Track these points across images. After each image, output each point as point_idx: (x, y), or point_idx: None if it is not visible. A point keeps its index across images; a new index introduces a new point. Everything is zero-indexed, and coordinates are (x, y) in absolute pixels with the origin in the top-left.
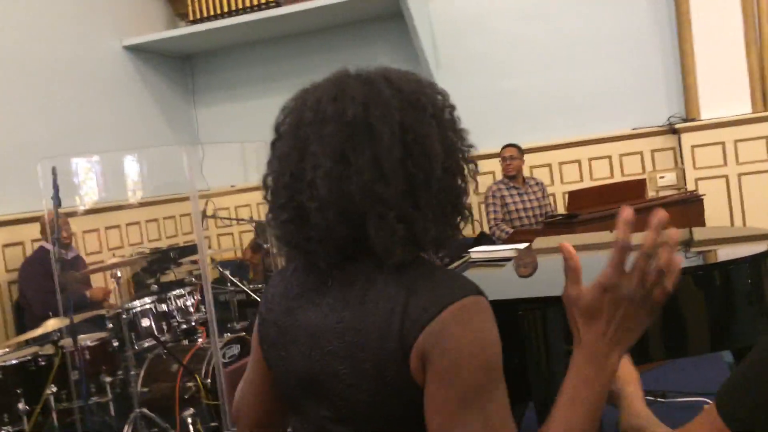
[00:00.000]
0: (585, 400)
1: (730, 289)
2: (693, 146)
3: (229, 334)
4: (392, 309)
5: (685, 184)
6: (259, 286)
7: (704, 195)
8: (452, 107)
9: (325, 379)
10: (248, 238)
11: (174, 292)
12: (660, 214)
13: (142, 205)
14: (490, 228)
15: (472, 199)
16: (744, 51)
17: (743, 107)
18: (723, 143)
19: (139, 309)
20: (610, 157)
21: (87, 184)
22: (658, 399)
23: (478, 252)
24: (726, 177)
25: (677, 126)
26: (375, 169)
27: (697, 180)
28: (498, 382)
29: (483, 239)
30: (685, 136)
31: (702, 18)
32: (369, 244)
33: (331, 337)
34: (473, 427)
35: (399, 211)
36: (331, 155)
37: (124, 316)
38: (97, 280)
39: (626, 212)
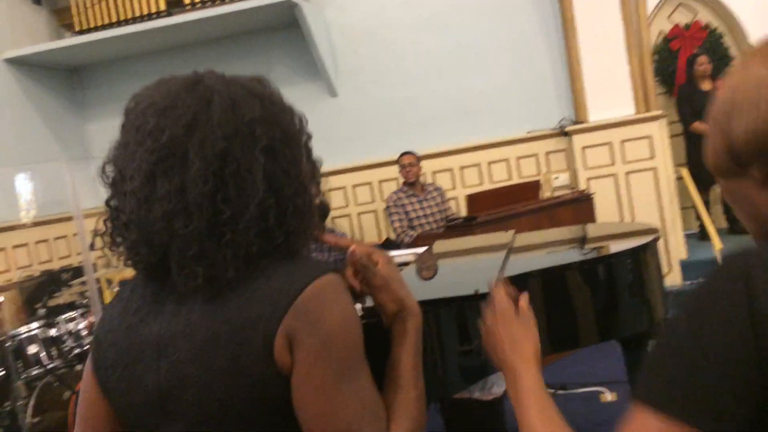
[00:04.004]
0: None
1: (612, 281)
2: (583, 147)
3: None
4: (247, 298)
5: (578, 184)
6: None
7: (594, 193)
8: (305, 136)
9: (175, 390)
10: None
11: (64, 316)
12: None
13: (35, 224)
14: (397, 235)
15: (378, 206)
16: (626, 56)
17: (627, 109)
18: (610, 143)
19: (24, 335)
20: (507, 160)
21: None
22: (558, 391)
23: None
24: (614, 176)
25: (568, 129)
26: (179, 200)
27: (588, 179)
28: (364, 360)
29: (388, 245)
30: (575, 138)
31: (586, 26)
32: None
33: (179, 342)
34: (350, 405)
35: (199, 249)
36: (142, 173)
37: (8, 344)
38: None
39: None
